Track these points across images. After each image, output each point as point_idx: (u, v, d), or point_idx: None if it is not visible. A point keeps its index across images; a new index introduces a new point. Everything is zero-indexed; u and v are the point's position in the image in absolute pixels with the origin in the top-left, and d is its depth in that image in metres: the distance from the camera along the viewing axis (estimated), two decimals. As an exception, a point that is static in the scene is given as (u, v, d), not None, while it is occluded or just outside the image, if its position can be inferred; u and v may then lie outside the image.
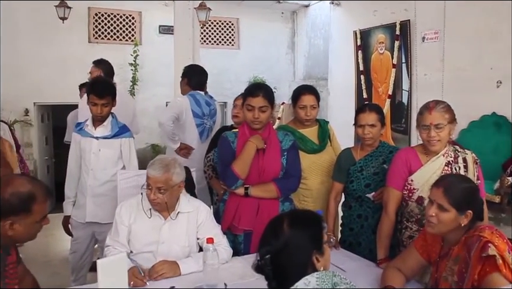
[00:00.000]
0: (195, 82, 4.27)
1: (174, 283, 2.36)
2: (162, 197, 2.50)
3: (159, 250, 2.57)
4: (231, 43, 9.33)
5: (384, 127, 3.05)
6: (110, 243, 2.63)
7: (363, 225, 3.03)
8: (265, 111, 2.82)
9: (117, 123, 3.41)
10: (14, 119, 7.42)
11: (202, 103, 4.18)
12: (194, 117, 4.13)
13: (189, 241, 2.65)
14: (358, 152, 3.09)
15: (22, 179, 1.99)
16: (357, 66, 6.42)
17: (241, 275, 2.47)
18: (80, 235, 3.48)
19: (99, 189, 3.35)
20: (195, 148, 4.16)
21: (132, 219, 2.61)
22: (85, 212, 3.39)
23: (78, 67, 6.80)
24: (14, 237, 1.92)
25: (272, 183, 2.86)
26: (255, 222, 2.83)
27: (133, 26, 8.53)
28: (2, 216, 1.86)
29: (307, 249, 1.56)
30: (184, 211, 2.65)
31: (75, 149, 3.43)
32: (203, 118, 4.17)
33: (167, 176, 2.49)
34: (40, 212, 1.95)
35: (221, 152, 2.97)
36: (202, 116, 4.17)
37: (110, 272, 1.74)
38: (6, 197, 1.86)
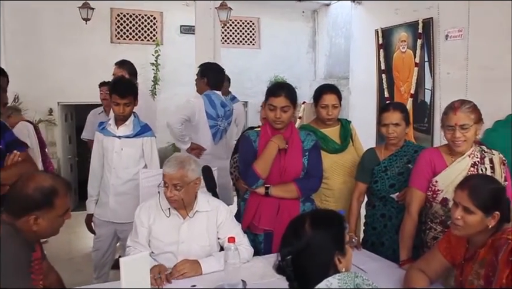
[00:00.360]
0: (214, 82, 4.21)
1: (195, 282, 2.37)
2: (179, 194, 2.50)
3: (179, 250, 2.58)
4: (252, 43, 9.33)
5: (409, 126, 3.01)
6: (130, 244, 2.65)
7: (386, 224, 2.99)
8: (287, 111, 2.80)
9: (138, 122, 3.43)
10: (39, 118, 7.54)
11: (216, 104, 4.12)
12: (208, 119, 4.07)
13: (209, 240, 2.65)
14: (382, 152, 3.05)
15: (44, 174, 2.07)
16: (378, 65, 6.35)
17: (262, 274, 2.46)
18: (103, 232, 3.52)
19: (122, 187, 3.38)
20: (208, 150, 4.13)
21: (151, 220, 2.62)
22: (107, 210, 3.43)
23: (101, 67, 6.88)
24: (38, 232, 1.96)
25: (293, 183, 2.85)
26: (275, 221, 2.82)
27: (154, 26, 8.60)
28: (26, 211, 1.91)
29: (329, 250, 1.55)
30: (203, 210, 2.65)
31: (98, 148, 3.46)
32: (217, 120, 4.12)
33: (183, 172, 2.50)
34: (63, 206, 1.99)
35: (243, 151, 2.97)
36: (216, 118, 4.11)
37: (132, 270, 1.76)
38: (29, 193, 1.91)
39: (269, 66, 9.08)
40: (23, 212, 1.91)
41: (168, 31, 8.60)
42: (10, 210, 1.95)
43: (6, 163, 2.47)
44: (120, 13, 8.37)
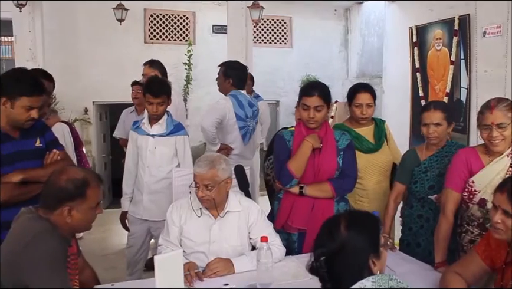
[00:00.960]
0: (238, 81, 4.16)
1: (227, 281, 2.37)
2: (210, 194, 2.50)
3: (210, 249, 2.59)
4: (284, 42, 9.31)
5: (451, 126, 2.93)
6: (162, 242, 2.68)
7: (423, 225, 2.93)
8: (320, 111, 2.79)
9: (172, 121, 3.47)
10: (74, 118, 7.72)
11: (244, 105, 4.08)
12: (237, 120, 4.04)
13: (241, 240, 2.65)
14: (423, 152, 2.97)
15: (75, 167, 2.17)
16: (412, 64, 6.25)
17: (294, 274, 2.45)
18: (136, 230, 3.57)
19: (155, 185, 3.42)
20: (237, 150, 4.12)
21: (183, 220, 2.64)
22: (141, 208, 3.47)
23: (134, 67, 6.96)
24: (72, 225, 2.01)
25: (327, 183, 2.83)
26: (309, 221, 2.80)
27: (187, 26, 8.68)
28: (60, 202, 1.96)
29: (364, 252, 1.52)
30: (234, 210, 2.64)
31: (132, 147, 3.52)
32: (246, 121, 4.10)
33: (213, 172, 2.50)
34: (95, 197, 2.04)
35: (277, 151, 2.96)
36: (245, 118, 4.09)
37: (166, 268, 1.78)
38: (62, 184, 1.97)
39: (301, 66, 9.05)
40: (57, 204, 1.96)
41: (200, 31, 8.67)
42: (45, 204, 2.00)
43: (45, 161, 2.54)
44: (153, 14, 8.48)
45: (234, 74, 4.13)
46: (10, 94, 2.40)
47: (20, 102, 2.40)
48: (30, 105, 2.43)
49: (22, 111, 2.42)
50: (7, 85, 2.42)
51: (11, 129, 2.49)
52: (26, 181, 2.41)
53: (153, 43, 8.44)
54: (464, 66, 5.34)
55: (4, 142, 2.45)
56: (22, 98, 2.40)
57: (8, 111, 2.42)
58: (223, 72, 4.17)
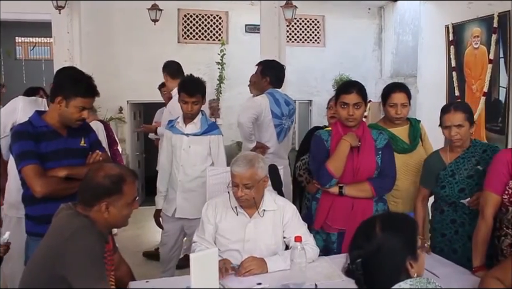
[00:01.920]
0: (276, 80, 4.19)
1: (261, 280, 2.38)
2: (250, 193, 2.52)
3: (245, 248, 2.61)
4: (317, 41, 9.25)
5: (473, 126, 2.85)
6: (196, 239, 2.71)
7: (458, 231, 2.86)
8: (359, 108, 2.78)
9: (206, 121, 3.50)
10: (110, 116, 7.87)
11: (281, 102, 4.11)
12: (273, 118, 4.06)
13: (275, 240, 2.66)
14: (447, 155, 2.91)
15: (111, 164, 2.20)
16: (448, 63, 6.11)
17: (328, 275, 2.44)
18: (170, 228, 3.62)
19: (189, 184, 3.46)
20: (271, 149, 4.13)
21: (218, 218, 2.66)
22: (175, 206, 3.51)
23: (168, 67, 7.06)
24: (109, 220, 2.06)
25: (367, 183, 2.82)
26: (349, 221, 2.79)
27: (220, 26, 8.72)
28: (98, 198, 2.02)
29: (401, 255, 1.50)
30: (269, 209, 2.66)
31: (167, 145, 3.56)
32: (281, 119, 4.11)
33: (252, 171, 2.51)
34: (131, 193, 2.09)
35: (314, 151, 2.96)
36: (281, 116, 4.10)
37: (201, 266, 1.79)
38: (99, 181, 2.02)
39: (334, 65, 8.97)
40: (95, 200, 2.02)
41: (233, 30, 8.70)
42: (83, 200, 2.06)
43: (88, 161, 2.62)
44: (186, 14, 8.56)
45: (271, 73, 4.18)
46: (66, 93, 2.49)
47: (75, 102, 2.50)
48: (83, 106, 2.53)
49: (75, 110, 2.52)
50: (64, 85, 2.52)
51: (60, 127, 2.59)
52: (70, 178, 2.50)
53: (186, 43, 8.52)
54: (503, 65, 5.19)
55: (52, 139, 2.55)
56: (77, 99, 2.50)
57: (62, 110, 2.52)
58: (260, 71, 4.22)
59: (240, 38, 8.67)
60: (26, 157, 2.44)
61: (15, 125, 2.80)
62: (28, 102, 3.02)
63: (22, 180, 2.52)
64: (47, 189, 2.41)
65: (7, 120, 2.96)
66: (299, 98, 8.59)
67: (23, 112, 2.88)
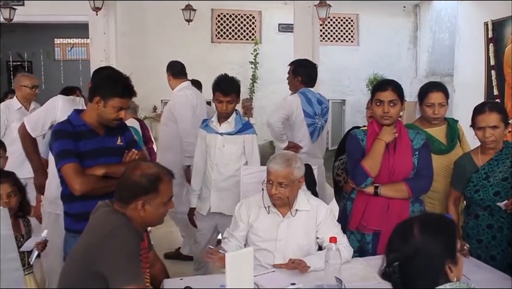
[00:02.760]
0: (308, 79, 4.15)
1: (295, 280, 2.37)
2: (284, 192, 2.51)
3: (277, 247, 2.60)
4: (350, 40, 9.18)
5: (508, 127, 2.76)
6: (227, 235, 2.73)
7: (495, 236, 2.75)
8: (394, 105, 2.73)
9: (240, 120, 3.49)
10: (144, 115, 7.99)
11: (313, 102, 4.07)
12: (306, 117, 4.03)
13: (307, 240, 2.64)
14: (479, 157, 2.82)
15: (148, 163, 2.25)
16: (487, 61, 5.97)
17: (362, 276, 2.41)
18: (204, 226, 3.64)
19: (223, 183, 3.47)
20: (304, 148, 4.09)
21: (251, 217, 2.67)
22: (209, 205, 3.54)
23: (201, 66, 7.14)
24: (145, 218, 2.08)
25: (403, 183, 2.77)
26: (384, 221, 2.75)
27: (253, 26, 8.75)
28: (134, 196, 2.04)
29: (440, 258, 1.46)
30: (303, 209, 2.64)
31: (201, 144, 3.59)
32: (314, 118, 4.07)
33: (289, 170, 2.51)
34: (167, 192, 2.11)
35: (350, 150, 2.93)
36: (314, 116, 4.06)
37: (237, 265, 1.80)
38: (136, 179, 2.05)
39: (368, 64, 8.88)
40: (131, 198, 2.05)
41: (266, 30, 8.72)
42: (120, 198, 2.09)
43: (124, 159, 2.66)
44: (220, 14, 8.62)
45: (303, 72, 4.15)
46: (104, 94, 2.54)
47: (112, 103, 2.54)
48: (120, 106, 2.57)
49: (112, 110, 2.56)
50: (103, 86, 2.57)
51: (98, 126, 2.63)
52: (107, 176, 2.54)
53: (219, 42, 8.58)
54: (545, 63, 5.04)
55: (90, 138, 2.60)
56: (115, 99, 2.54)
57: (100, 110, 2.56)
58: (292, 70, 4.20)
59: (274, 37, 8.67)
60: (65, 155, 2.50)
61: (54, 123, 2.88)
62: (67, 101, 3.09)
63: (61, 178, 2.58)
64: (86, 187, 2.47)
65: (47, 118, 3.03)
66: (333, 97, 8.54)
67: (62, 111, 2.94)
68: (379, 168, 2.74)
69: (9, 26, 8.01)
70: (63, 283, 2.05)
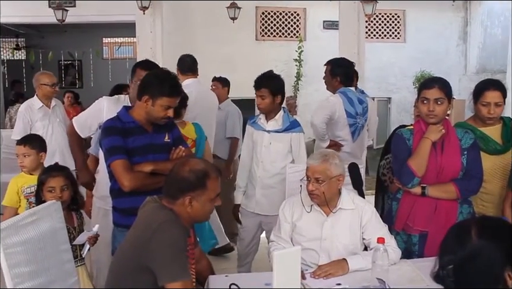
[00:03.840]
0: (346, 79, 4.08)
1: (340, 280, 2.34)
2: (320, 188, 2.48)
3: (322, 246, 2.57)
4: (397, 36, 9.00)
5: None
6: (273, 238, 2.71)
7: None
8: (440, 104, 2.65)
9: (288, 118, 3.48)
10: (189, 112, 8.10)
11: (354, 101, 4.01)
12: (348, 117, 3.98)
13: (353, 240, 2.60)
14: None
15: (196, 159, 2.28)
16: (544, 57, 5.71)
17: (410, 279, 2.36)
18: (248, 223, 3.65)
19: (268, 180, 3.46)
20: (345, 148, 4.05)
21: (295, 217, 2.65)
22: (253, 202, 3.54)
23: (246, 64, 7.17)
24: (191, 214, 2.10)
25: (451, 184, 2.69)
26: (431, 223, 2.68)
27: (298, 23, 8.71)
28: (182, 192, 2.07)
29: (499, 264, 1.39)
30: (347, 208, 2.60)
31: (248, 141, 3.60)
32: (355, 118, 4.02)
33: (326, 166, 2.48)
34: (214, 189, 2.12)
35: (396, 149, 2.87)
36: (355, 115, 4.01)
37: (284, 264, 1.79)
38: (185, 175, 2.08)
39: (415, 61, 8.68)
40: (179, 194, 2.07)
41: (311, 27, 8.67)
42: (168, 193, 2.12)
43: (172, 156, 2.69)
44: (264, 11, 8.63)
45: (341, 72, 4.08)
46: (153, 93, 2.58)
47: (160, 102, 2.58)
48: (169, 105, 2.61)
49: (160, 109, 2.60)
50: (151, 85, 2.61)
51: (146, 123, 2.68)
52: (154, 173, 2.58)
53: (264, 40, 8.60)
54: None
55: (139, 134, 2.64)
56: (163, 98, 2.58)
57: (149, 108, 2.61)
58: (329, 70, 4.12)
59: (318, 35, 8.61)
60: (115, 152, 2.55)
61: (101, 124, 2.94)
62: (112, 101, 3.15)
63: (110, 173, 2.63)
64: (134, 184, 2.51)
65: (93, 120, 3.10)
66: (378, 95, 8.39)
67: (108, 112, 3.00)
68: (426, 167, 2.67)
69: (61, 27, 8.30)
70: (112, 277, 2.10)
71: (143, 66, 3.00)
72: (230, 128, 5.03)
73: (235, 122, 5.10)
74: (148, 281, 1.94)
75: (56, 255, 2.33)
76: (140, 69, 2.96)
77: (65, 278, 2.37)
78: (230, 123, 5.05)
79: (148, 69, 2.90)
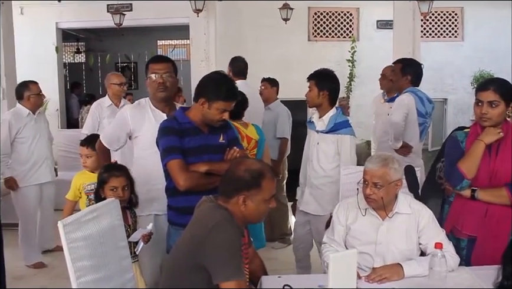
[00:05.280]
0: (416, 78, 4.08)
1: (396, 285, 2.30)
2: (378, 193, 2.44)
3: (377, 251, 2.52)
4: (454, 35, 8.73)
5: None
6: (326, 240, 2.68)
7: None
8: (495, 107, 2.55)
9: (336, 118, 3.40)
10: (242, 114, 8.18)
11: (425, 101, 4.01)
12: (418, 116, 3.97)
13: (409, 245, 2.53)
14: None
15: (252, 159, 2.31)
16: None
17: (469, 286, 2.28)
18: (299, 219, 3.66)
19: (315, 180, 3.45)
20: (414, 149, 4.01)
21: (350, 219, 2.61)
22: (303, 200, 3.55)
23: (298, 65, 7.14)
24: (245, 214, 2.11)
25: (504, 188, 2.58)
26: (481, 228, 2.60)
27: (351, 23, 8.62)
28: (237, 191, 2.08)
29: None
30: (403, 212, 2.54)
31: (307, 139, 3.61)
32: (425, 117, 4.00)
33: (385, 170, 2.43)
34: (269, 189, 2.12)
35: (448, 152, 2.80)
36: (425, 115, 4.00)
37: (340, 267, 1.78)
38: (240, 174, 2.09)
39: (473, 60, 8.39)
40: (234, 192, 2.09)
41: (364, 27, 8.56)
42: (223, 191, 2.14)
43: (226, 156, 2.72)
44: (317, 12, 8.59)
45: (412, 71, 4.07)
46: (209, 96, 2.62)
47: (216, 105, 2.62)
48: (224, 108, 2.65)
49: (216, 112, 2.64)
50: (208, 89, 2.65)
51: (202, 124, 2.73)
52: (209, 173, 2.62)
53: (316, 40, 8.56)
54: None
55: (194, 135, 2.70)
56: (219, 102, 2.62)
57: (205, 111, 2.65)
58: (400, 69, 4.10)
59: (372, 34, 8.49)
60: (171, 152, 2.61)
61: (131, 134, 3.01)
62: (133, 107, 3.14)
63: (166, 172, 2.70)
64: (190, 183, 2.56)
65: (121, 132, 3.08)
66: (434, 96, 8.08)
67: (133, 119, 3.01)
68: (477, 170, 2.58)
69: (118, 30, 8.58)
70: (168, 275, 2.15)
71: (154, 61, 3.03)
72: (280, 128, 5.04)
73: (285, 123, 5.11)
74: (203, 280, 1.97)
75: (115, 251, 2.41)
76: (152, 64, 2.99)
77: (122, 273, 2.44)
78: (280, 123, 5.07)
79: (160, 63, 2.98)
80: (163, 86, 2.92)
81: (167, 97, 3.01)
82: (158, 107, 3.02)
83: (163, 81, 2.91)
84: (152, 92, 2.98)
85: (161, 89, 2.93)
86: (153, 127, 2.87)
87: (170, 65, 3.00)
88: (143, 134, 2.98)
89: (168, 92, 2.99)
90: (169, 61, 3.06)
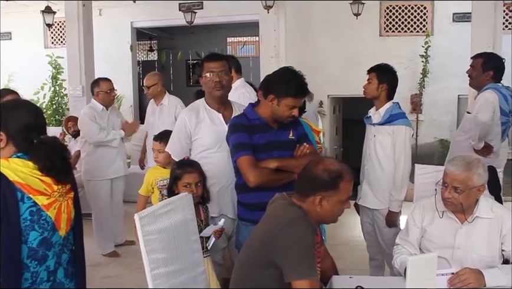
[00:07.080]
0: (499, 75, 3.83)
1: (476, 294, 2.18)
2: (457, 198, 2.32)
3: (454, 256, 2.41)
4: (539, 27, 8.15)
5: None
6: (399, 242, 2.60)
7: None
8: None
9: (392, 110, 3.31)
10: (312, 110, 8.13)
11: (508, 98, 3.76)
12: (501, 115, 3.73)
13: (490, 251, 2.39)
14: None
15: (331, 159, 2.21)
16: None
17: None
18: (362, 217, 3.58)
19: (371, 174, 3.38)
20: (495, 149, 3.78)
21: (426, 221, 2.52)
22: (361, 194, 3.49)
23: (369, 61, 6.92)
24: (320, 214, 2.08)
25: None
26: None
27: (424, 17, 8.30)
28: (314, 191, 2.05)
29: None
30: (484, 216, 2.41)
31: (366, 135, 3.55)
32: (509, 116, 3.77)
33: (468, 175, 2.30)
34: (346, 191, 2.07)
35: None
36: (508, 113, 3.76)
37: (419, 270, 1.71)
38: (318, 174, 2.05)
39: (560, 54, 7.80)
40: (311, 192, 2.05)
41: (439, 20, 8.20)
42: (300, 190, 2.11)
43: (296, 153, 2.71)
44: (389, 6, 8.35)
45: (494, 66, 3.83)
46: (278, 93, 2.62)
47: (285, 101, 2.61)
48: (294, 104, 2.63)
49: (285, 109, 2.63)
50: (277, 85, 2.65)
51: (271, 120, 2.72)
52: (279, 169, 2.61)
53: (388, 35, 8.33)
54: None
55: (264, 131, 2.70)
56: (288, 98, 2.60)
57: (274, 107, 2.65)
58: (481, 64, 3.86)
59: (447, 28, 8.12)
60: (241, 148, 2.63)
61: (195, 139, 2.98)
62: (189, 111, 3.11)
63: (236, 168, 2.71)
64: (260, 180, 2.56)
65: (184, 138, 3.03)
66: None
67: (190, 122, 2.99)
68: None
69: (189, 28, 8.78)
70: (239, 270, 2.16)
71: (209, 59, 2.99)
72: None
73: None
74: (274, 277, 1.96)
75: (187, 245, 2.45)
76: (207, 62, 2.96)
77: (194, 267, 2.48)
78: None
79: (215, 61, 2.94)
80: (220, 84, 2.91)
81: (223, 96, 3.00)
82: (214, 107, 3.01)
83: (219, 79, 2.90)
84: (208, 91, 2.97)
85: (217, 88, 2.92)
86: (209, 128, 2.91)
87: (225, 62, 2.98)
88: (200, 136, 2.98)
89: (225, 90, 2.98)
90: (224, 58, 3.05)
